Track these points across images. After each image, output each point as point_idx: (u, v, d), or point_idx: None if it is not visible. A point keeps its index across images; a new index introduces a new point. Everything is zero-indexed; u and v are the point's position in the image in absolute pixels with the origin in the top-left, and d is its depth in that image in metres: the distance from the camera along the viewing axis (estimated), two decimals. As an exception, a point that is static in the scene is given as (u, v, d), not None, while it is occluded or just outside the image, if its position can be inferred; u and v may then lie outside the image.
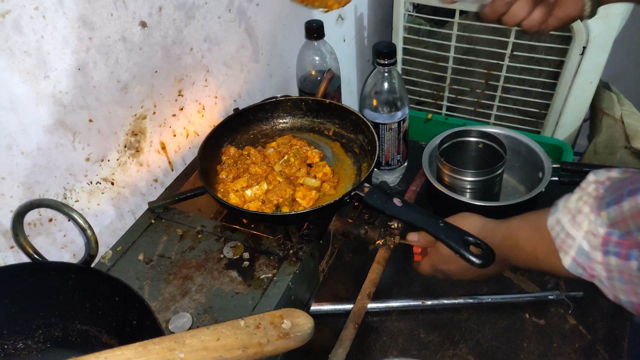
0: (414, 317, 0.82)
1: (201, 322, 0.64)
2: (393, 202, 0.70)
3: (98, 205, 0.76)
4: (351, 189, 0.73)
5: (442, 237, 0.67)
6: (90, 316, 0.57)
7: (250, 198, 0.77)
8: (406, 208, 0.70)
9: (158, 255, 0.73)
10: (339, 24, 1.28)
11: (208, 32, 0.87)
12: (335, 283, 0.87)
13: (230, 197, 0.77)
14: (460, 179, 0.91)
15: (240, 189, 0.78)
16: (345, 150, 0.88)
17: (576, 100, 1.26)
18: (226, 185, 0.80)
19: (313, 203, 0.77)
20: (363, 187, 0.73)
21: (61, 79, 0.64)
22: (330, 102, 0.89)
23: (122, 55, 0.72)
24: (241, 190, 0.78)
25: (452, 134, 0.96)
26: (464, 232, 0.68)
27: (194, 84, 0.87)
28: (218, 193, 0.79)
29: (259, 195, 0.77)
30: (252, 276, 0.69)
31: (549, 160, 0.93)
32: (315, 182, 0.79)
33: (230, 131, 0.89)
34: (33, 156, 0.64)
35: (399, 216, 0.70)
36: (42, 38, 0.60)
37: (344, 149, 0.88)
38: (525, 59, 1.27)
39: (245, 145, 0.88)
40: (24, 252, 0.61)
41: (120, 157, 0.77)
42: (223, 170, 0.83)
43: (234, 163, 0.84)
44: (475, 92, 1.38)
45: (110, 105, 0.73)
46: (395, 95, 0.94)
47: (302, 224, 0.76)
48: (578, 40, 1.15)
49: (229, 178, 0.81)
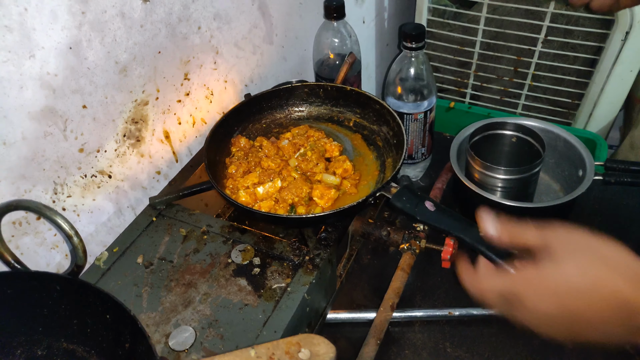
0: (439, 329, 0.74)
1: (205, 337, 0.57)
2: (425, 206, 0.62)
3: (93, 201, 0.68)
4: (376, 190, 0.65)
5: (481, 248, 0.58)
6: (77, 334, 0.50)
7: (262, 196, 0.69)
8: (440, 213, 0.61)
9: (159, 258, 0.66)
10: (358, 4, 1.18)
11: (218, 9, 0.78)
12: (353, 288, 0.80)
13: (240, 195, 0.70)
14: (492, 176, 0.82)
15: (251, 185, 0.71)
16: (367, 143, 0.80)
17: (613, 90, 1.16)
18: (235, 181, 0.72)
19: (332, 203, 0.69)
20: (390, 188, 0.65)
21: (49, 58, 0.56)
22: (351, 89, 0.81)
23: (120, 33, 0.64)
24: (252, 187, 0.70)
25: (484, 126, 0.87)
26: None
27: (201, 66, 0.79)
28: (226, 189, 0.72)
29: (272, 194, 0.69)
30: (263, 285, 0.62)
31: (590, 157, 0.84)
32: (334, 179, 0.72)
33: (240, 120, 0.81)
34: (17, 147, 0.56)
35: (432, 222, 0.62)
36: (26, 11, 0.52)
37: (365, 142, 0.80)
38: (559, 44, 1.17)
39: (257, 136, 0.80)
40: (2, 260, 0.54)
41: (118, 147, 0.69)
42: (232, 163, 0.75)
43: (245, 156, 0.76)
44: (503, 79, 1.29)
45: (107, 89, 0.65)
46: (422, 83, 0.85)
47: (320, 227, 0.68)
48: (621, 24, 1.05)
49: (239, 173, 0.73)
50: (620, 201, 0.89)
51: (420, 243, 0.74)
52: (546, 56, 1.20)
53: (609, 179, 0.81)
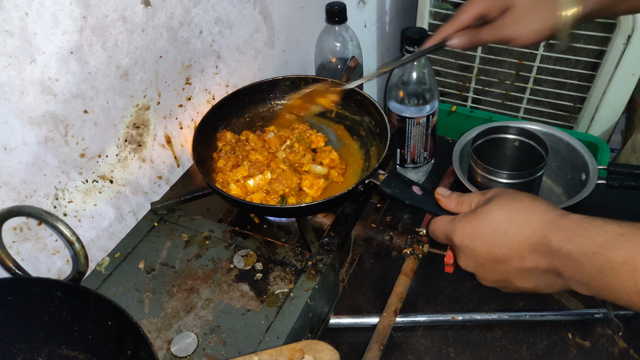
0: (442, 334, 0.74)
1: (207, 343, 0.57)
2: (412, 190, 0.62)
3: (95, 206, 0.68)
4: (365, 177, 0.66)
5: None
6: (78, 341, 0.49)
7: (253, 189, 0.69)
8: (427, 197, 0.62)
9: (160, 264, 0.65)
10: (360, 8, 1.18)
11: (220, 13, 0.78)
12: (356, 293, 0.79)
13: (230, 188, 0.69)
14: (495, 180, 0.82)
15: (241, 178, 0.71)
16: (351, 133, 0.81)
17: (615, 94, 1.16)
18: (225, 175, 0.72)
19: (321, 192, 0.70)
20: (378, 175, 0.65)
21: (50, 63, 0.56)
22: (332, 81, 0.81)
23: (121, 38, 0.63)
24: (242, 180, 0.71)
25: (487, 130, 0.86)
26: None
27: (203, 71, 0.79)
28: (217, 183, 0.71)
29: (263, 186, 0.70)
30: (266, 291, 0.61)
31: (593, 160, 0.83)
32: (322, 169, 0.73)
33: (224, 115, 0.80)
34: (18, 152, 0.56)
35: (420, 205, 0.62)
36: (27, 15, 0.52)
37: (348, 132, 0.81)
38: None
39: (241, 130, 0.80)
40: (3, 266, 0.53)
41: (120, 152, 0.69)
42: (221, 158, 0.75)
43: (232, 150, 0.76)
44: (504, 83, 1.29)
45: (109, 94, 0.64)
46: (424, 87, 0.85)
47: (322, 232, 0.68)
48: (623, 28, 1.05)
49: (228, 166, 0.73)
50: (623, 205, 0.89)
51: (423, 248, 0.73)
52: (548, 60, 1.20)
53: (612, 182, 0.81)
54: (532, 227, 0.50)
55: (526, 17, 0.64)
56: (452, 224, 0.56)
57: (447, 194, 0.60)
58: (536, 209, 0.51)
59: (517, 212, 0.52)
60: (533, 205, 0.52)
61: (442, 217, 0.58)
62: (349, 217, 0.69)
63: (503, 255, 0.52)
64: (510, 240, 0.51)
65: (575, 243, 0.47)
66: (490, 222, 0.52)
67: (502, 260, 0.52)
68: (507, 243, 0.51)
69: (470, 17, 0.68)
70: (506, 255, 0.52)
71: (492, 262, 0.53)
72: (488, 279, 0.56)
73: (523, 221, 0.51)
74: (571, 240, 0.47)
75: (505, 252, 0.52)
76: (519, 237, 0.51)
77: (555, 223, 0.49)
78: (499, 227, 0.52)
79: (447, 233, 0.56)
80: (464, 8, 0.68)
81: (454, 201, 0.58)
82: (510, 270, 0.53)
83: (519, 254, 0.51)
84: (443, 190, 0.60)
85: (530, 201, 0.53)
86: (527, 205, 0.52)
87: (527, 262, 0.51)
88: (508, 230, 0.51)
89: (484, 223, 0.53)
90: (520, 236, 0.51)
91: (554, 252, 0.49)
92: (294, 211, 0.68)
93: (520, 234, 0.51)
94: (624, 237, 0.45)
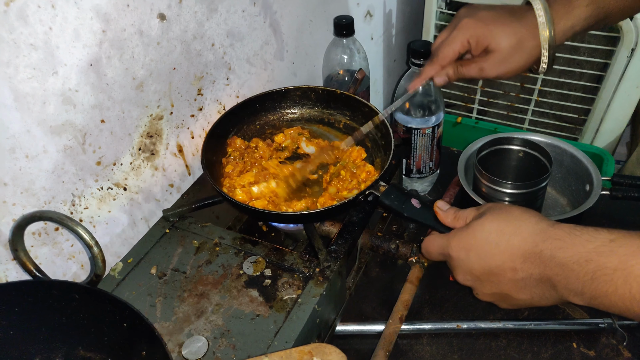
0: (447, 342, 0.75)
1: (217, 347, 0.58)
2: (411, 203, 0.64)
3: (109, 213, 0.70)
4: (366, 188, 0.68)
5: None
6: (95, 342, 0.51)
7: (257, 195, 0.71)
8: (425, 210, 0.63)
9: (172, 269, 0.67)
10: (367, 21, 1.21)
11: (231, 26, 0.80)
12: (362, 301, 0.80)
13: (236, 193, 0.71)
14: (499, 190, 0.83)
15: (247, 184, 0.73)
16: (357, 144, 0.82)
17: (620, 106, 1.17)
18: (232, 180, 0.74)
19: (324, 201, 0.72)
20: (379, 186, 0.67)
21: (71, 75, 0.58)
22: (341, 93, 0.83)
23: (138, 50, 0.66)
24: (248, 186, 0.72)
25: (492, 141, 0.88)
26: None
27: (214, 82, 0.81)
28: (224, 188, 0.73)
29: (266, 193, 0.71)
30: (275, 296, 0.63)
31: (597, 171, 0.85)
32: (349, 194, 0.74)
33: (235, 121, 0.82)
34: (39, 160, 0.58)
35: (418, 219, 0.64)
36: (51, 30, 0.54)
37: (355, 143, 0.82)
38: (565, 60, 1.18)
39: (251, 137, 0.83)
40: (24, 269, 0.55)
41: (134, 160, 0.71)
42: (229, 163, 0.77)
43: (240, 156, 0.78)
44: (509, 95, 1.30)
45: (125, 104, 0.67)
46: (430, 99, 0.87)
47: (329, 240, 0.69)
48: (626, 41, 1.07)
49: (236, 172, 0.75)
50: (627, 216, 0.90)
51: (428, 256, 0.75)
52: (552, 72, 1.21)
53: (616, 193, 0.82)
54: (522, 237, 0.51)
55: (508, 59, 0.66)
56: (446, 240, 0.57)
57: (446, 208, 0.60)
58: (526, 220, 0.52)
59: (507, 223, 0.53)
60: (523, 216, 0.53)
61: (434, 234, 0.59)
62: (356, 226, 0.70)
63: (496, 266, 0.52)
64: (502, 251, 0.52)
65: (566, 251, 0.47)
66: (482, 234, 0.53)
67: (496, 272, 0.53)
68: (499, 254, 0.52)
69: (451, 56, 0.69)
70: (499, 267, 0.52)
71: (486, 274, 0.54)
72: (485, 291, 0.56)
73: (513, 232, 0.52)
74: (562, 248, 0.48)
75: (498, 263, 0.52)
76: (510, 247, 0.52)
77: (546, 232, 0.50)
78: (490, 239, 0.53)
79: (442, 249, 0.57)
80: (443, 46, 0.70)
81: (450, 216, 0.59)
82: (504, 282, 0.53)
83: (511, 264, 0.51)
84: (442, 204, 0.61)
85: (520, 213, 0.53)
86: (518, 217, 0.53)
87: (520, 273, 0.51)
88: (499, 241, 0.52)
89: (477, 235, 0.54)
90: (512, 247, 0.51)
91: (546, 261, 0.49)
92: (296, 218, 0.70)
93: (512, 244, 0.51)
94: (615, 242, 0.46)
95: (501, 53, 0.66)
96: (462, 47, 0.68)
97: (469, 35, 0.67)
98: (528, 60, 0.67)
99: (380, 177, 0.69)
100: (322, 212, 0.68)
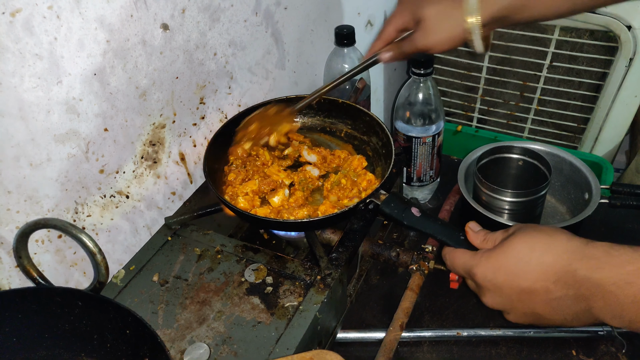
0: (447, 349, 0.75)
1: (219, 354, 0.59)
2: (411, 211, 0.65)
3: (111, 220, 0.70)
4: (366, 197, 0.68)
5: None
6: (97, 349, 0.52)
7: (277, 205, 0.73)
8: (425, 219, 0.64)
9: (174, 277, 0.68)
10: (367, 30, 1.22)
11: (233, 36, 0.81)
12: (363, 308, 0.81)
13: (238, 201, 0.72)
14: (499, 198, 0.84)
15: (251, 192, 0.73)
16: (358, 152, 0.83)
17: (619, 115, 1.18)
18: (235, 188, 0.75)
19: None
20: (379, 195, 0.67)
21: (75, 84, 0.59)
22: (342, 102, 0.84)
23: (141, 60, 0.67)
24: (251, 194, 0.73)
25: (491, 149, 0.89)
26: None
27: (216, 91, 0.82)
28: (225, 195, 0.74)
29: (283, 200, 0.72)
30: (276, 304, 0.63)
31: (596, 180, 0.85)
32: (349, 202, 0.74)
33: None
34: (42, 168, 0.59)
35: (418, 227, 0.65)
36: (56, 40, 0.55)
37: (356, 151, 0.84)
38: (564, 70, 1.19)
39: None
40: (28, 276, 0.56)
41: (136, 168, 0.72)
42: (231, 171, 0.78)
43: (242, 164, 0.79)
44: (509, 104, 1.31)
45: (128, 113, 0.68)
46: (430, 107, 0.88)
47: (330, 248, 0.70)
48: (625, 51, 1.08)
49: (238, 180, 0.76)
50: (626, 224, 0.90)
51: (428, 264, 0.75)
52: (551, 81, 1.22)
53: (615, 202, 0.82)
54: (555, 255, 0.49)
55: (435, 27, 0.66)
56: (473, 259, 0.55)
57: (477, 229, 0.59)
58: (558, 237, 0.50)
59: (538, 240, 0.51)
60: (555, 233, 0.51)
61: (462, 250, 0.58)
62: (357, 233, 0.71)
63: (527, 286, 0.51)
64: (533, 269, 0.50)
65: (603, 271, 0.45)
66: (512, 253, 0.52)
67: (528, 291, 0.51)
68: (530, 272, 0.50)
69: (392, 31, 0.71)
70: (530, 286, 0.50)
71: (518, 294, 0.52)
72: (516, 313, 0.54)
73: (545, 249, 0.50)
74: (599, 269, 0.46)
75: (529, 282, 0.50)
76: (541, 265, 0.50)
77: (580, 251, 0.48)
78: (520, 257, 0.51)
79: (469, 268, 0.56)
80: (386, 23, 0.72)
81: (480, 237, 0.58)
82: (537, 302, 0.51)
83: (544, 284, 0.50)
84: (474, 225, 0.60)
85: (552, 231, 0.52)
86: (549, 234, 0.51)
87: (554, 293, 0.49)
88: (530, 259, 0.50)
89: (506, 254, 0.52)
90: (543, 265, 0.50)
91: (581, 282, 0.47)
92: (297, 225, 0.70)
93: (543, 262, 0.50)
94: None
95: (428, 21, 0.66)
96: (401, 23, 0.70)
97: (404, 9, 0.69)
98: (456, 31, 0.65)
99: (381, 186, 0.69)
100: (323, 219, 0.69)
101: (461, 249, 0.59)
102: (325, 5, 1.02)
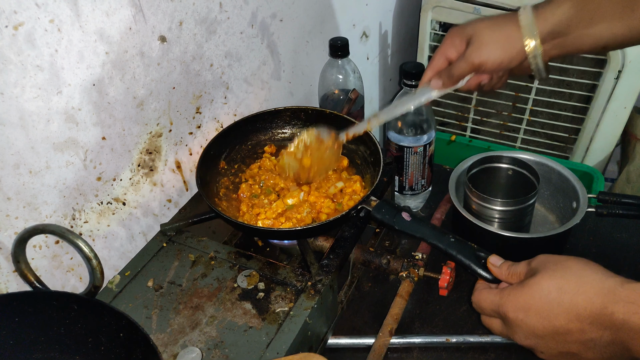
0: (437, 356, 0.76)
1: (211, 357, 0.60)
2: (402, 216, 0.66)
3: (108, 227, 0.72)
4: (357, 203, 0.70)
5: (452, 252, 0.64)
6: (91, 352, 0.53)
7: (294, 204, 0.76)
8: (415, 223, 0.66)
9: (168, 282, 0.69)
10: (363, 42, 1.24)
11: (229, 47, 0.83)
12: (354, 315, 0.82)
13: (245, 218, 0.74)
14: (489, 207, 0.85)
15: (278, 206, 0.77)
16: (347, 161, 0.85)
17: (609, 126, 1.20)
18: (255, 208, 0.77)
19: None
20: (370, 201, 0.69)
21: (74, 94, 0.61)
22: (330, 112, 0.85)
23: (139, 71, 0.69)
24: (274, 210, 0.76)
25: (481, 159, 0.91)
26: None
27: (212, 101, 0.84)
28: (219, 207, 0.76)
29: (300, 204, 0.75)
30: (267, 309, 0.65)
31: (584, 189, 0.87)
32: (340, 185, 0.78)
33: (228, 142, 0.85)
34: (41, 175, 0.61)
35: (409, 231, 0.67)
36: (57, 52, 0.57)
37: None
38: (555, 81, 1.22)
39: (244, 157, 0.86)
40: (25, 280, 0.57)
41: (133, 176, 0.74)
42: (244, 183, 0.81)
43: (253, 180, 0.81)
44: (502, 114, 1.33)
45: (125, 122, 0.69)
46: (421, 118, 0.90)
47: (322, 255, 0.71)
48: (613, 64, 1.10)
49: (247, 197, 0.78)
50: (614, 233, 0.92)
51: (418, 271, 0.76)
52: (543, 93, 1.24)
53: (602, 210, 0.84)
54: (588, 297, 0.48)
55: (487, 42, 0.65)
56: (500, 298, 0.54)
57: (499, 263, 0.58)
58: (589, 276, 0.49)
59: (567, 280, 0.50)
60: (584, 272, 0.50)
61: (488, 290, 0.57)
62: (348, 241, 0.72)
63: (561, 326, 0.50)
64: (566, 310, 0.49)
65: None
66: (541, 293, 0.51)
67: (562, 332, 0.50)
68: (563, 313, 0.49)
69: (441, 60, 0.70)
70: (564, 327, 0.50)
71: (551, 334, 0.51)
72: (551, 352, 0.53)
73: (576, 290, 0.49)
74: (638, 313, 0.45)
75: (562, 323, 0.50)
76: (575, 307, 0.49)
77: (616, 293, 0.47)
78: (550, 298, 0.50)
79: (497, 307, 0.54)
80: (435, 53, 0.72)
81: (505, 272, 0.57)
82: (571, 342, 0.50)
83: (579, 325, 0.49)
84: (495, 259, 0.59)
85: (579, 268, 0.51)
86: (577, 273, 0.50)
87: (589, 334, 0.49)
88: (561, 300, 0.49)
89: (535, 295, 0.51)
90: (577, 307, 0.49)
91: (619, 326, 0.46)
92: (289, 234, 0.72)
93: (576, 304, 0.49)
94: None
95: (479, 34, 0.65)
96: (451, 49, 0.69)
97: (453, 34, 0.69)
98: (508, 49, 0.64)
99: (371, 193, 0.71)
100: (315, 227, 0.70)
101: (486, 289, 0.58)
102: (320, 17, 1.05)
